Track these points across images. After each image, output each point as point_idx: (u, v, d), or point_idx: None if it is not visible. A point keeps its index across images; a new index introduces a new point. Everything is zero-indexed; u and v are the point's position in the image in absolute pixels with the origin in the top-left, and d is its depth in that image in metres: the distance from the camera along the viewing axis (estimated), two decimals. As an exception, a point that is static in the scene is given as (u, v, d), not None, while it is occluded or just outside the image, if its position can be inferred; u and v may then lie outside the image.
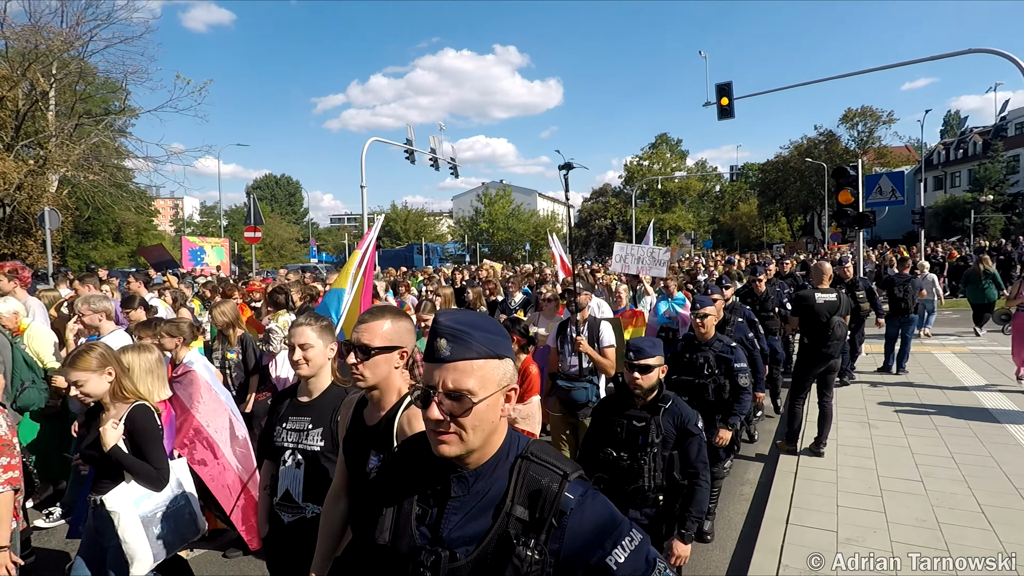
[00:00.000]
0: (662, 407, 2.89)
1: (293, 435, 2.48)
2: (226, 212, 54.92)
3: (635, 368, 2.88)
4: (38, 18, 19.31)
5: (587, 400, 4.38)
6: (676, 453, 2.85)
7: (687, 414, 2.91)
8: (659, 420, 2.85)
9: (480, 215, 55.12)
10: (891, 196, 12.16)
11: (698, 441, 2.86)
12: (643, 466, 2.80)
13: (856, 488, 4.80)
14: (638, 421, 2.88)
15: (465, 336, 1.17)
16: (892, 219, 38.58)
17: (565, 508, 1.15)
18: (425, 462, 1.25)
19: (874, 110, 50.93)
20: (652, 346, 2.95)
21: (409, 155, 24.70)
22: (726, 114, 18.63)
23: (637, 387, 2.89)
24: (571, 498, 1.16)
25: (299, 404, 2.53)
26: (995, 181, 42.33)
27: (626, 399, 2.98)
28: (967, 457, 5.30)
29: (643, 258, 8.39)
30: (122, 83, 21.92)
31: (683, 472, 2.84)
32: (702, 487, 2.84)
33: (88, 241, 37.29)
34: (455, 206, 72.62)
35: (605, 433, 2.97)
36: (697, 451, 2.86)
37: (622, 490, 2.83)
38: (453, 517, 1.19)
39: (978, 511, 4.28)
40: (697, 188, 64.01)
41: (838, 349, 5.72)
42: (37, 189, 19.29)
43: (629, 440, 2.87)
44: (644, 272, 8.34)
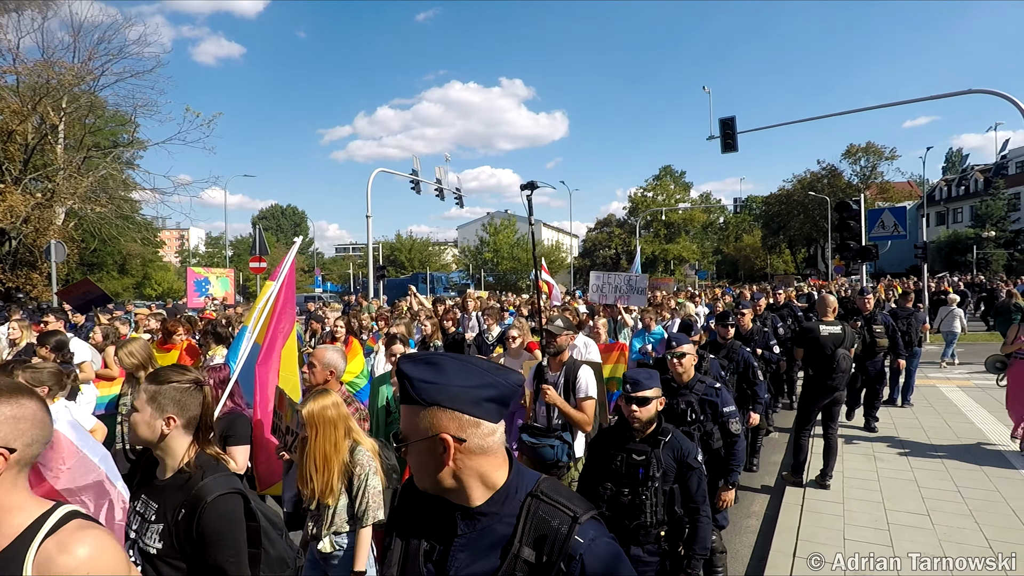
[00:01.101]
0: (662, 440, 2.84)
1: (137, 521, 1.86)
2: (232, 243, 55.42)
3: (633, 400, 2.82)
4: (51, 53, 19.72)
5: (556, 459, 3.75)
6: (677, 487, 2.81)
7: (687, 447, 2.87)
8: (659, 453, 2.80)
9: (485, 244, 55.51)
10: (893, 230, 12.32)
11: (698, 475, 2.83)
12: (644, 501, 2.75)
13: (863, 521, 4.78)
14: (637, 455, 2.83)
15: (404, 381, 1.18)
16: (895, 253, 38.72)
17: (574, 552, 1.12)
18: (434, 498, 1.23)
19: (877, 146, 51.67)
20: (649, 377, 2.89)
21: (415, 185, 25.07)
22: (730, 147, 18.96)
23: (636, 420, 2.84)
24: (581, 542, 1.13)
25: (155, 482, 1.91)
26: (996, 218, 42.67)
27: (624, 432, 2.92)
28: (974, 491, 5.28)
29: (620, 286, 8.05)
30: (131, 116, 22.21)
31: (684, 507, 2.81)
32: (703, 523, 2.79)
33: (93, 273, 37.34)
34: (460, 235, 73.18)
35: (603, 467, 2.91)
36: (697, 485, 2.82)
37: (623, 526, 2.78)
38: (460, 555, 1.18)
39: (986, 546, 4.26)
40: (701, 219, 64.48)
41: (843, 382, 5.74)
42: (44, 222, 19.41)
43: (629, 474, 2.82)
44: (622, 302, 8.01)
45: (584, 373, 3.94)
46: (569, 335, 4.19)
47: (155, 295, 40.62)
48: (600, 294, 8.18)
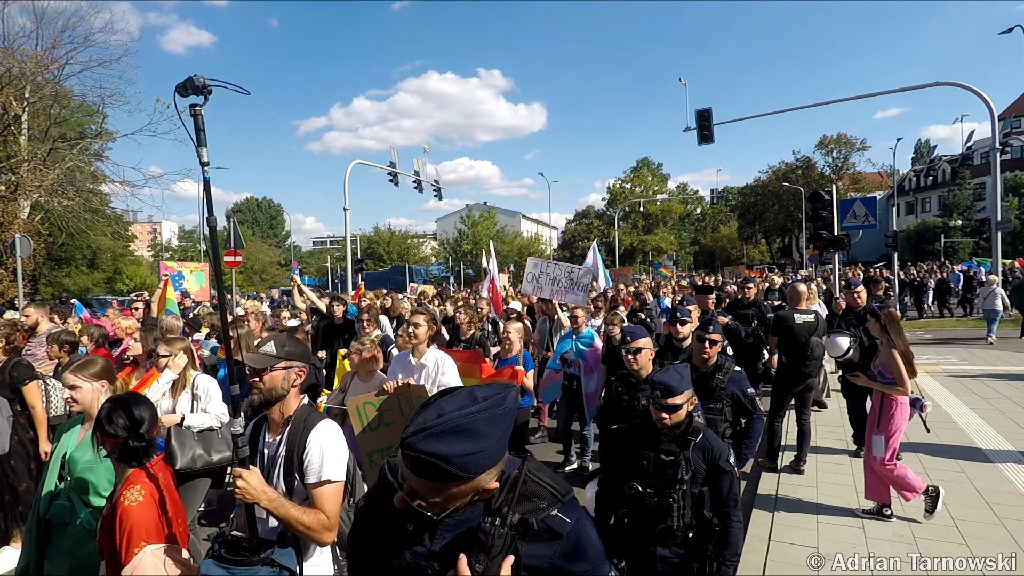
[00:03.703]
0: (692, 441, 2.68)
1: None
2: (206, 236, 54.38)
3: (663, 408, 2.65)
4: (11, 41, 19.01)
5: None
6: (706, 490, 2.67)
7: (719, 448, 2.71)
8: (688, 455, 2.65)
9: (464, 237, 55.39)
10: (864, 220, 12.56)
11: (730, 478, 2.69)
12: (672, 504, 2.61)
13: (836, 504, 4.91)
14: (666, 455, 2.67)
15: (434, 463, 1.08)
16: (867, 242, 39.63)
17: (561, 530, 1.18)
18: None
19: (849, 137, 52.82)
20: (680, 381, 2.67)
21: (393, 177, 24.86)
22: (706, 139, 19.16)
23: (665, 427, 2.69)
24: (567, 521, 1.19)
25: None
26: (963, 207, 44.00)
27: (653, 430, 2.76)
28: (941, 473, 5.45)
29: (559, 279, 6.75)
30: (99, 107, 21.60)
31: (714, 510, 2.67)
32: (734, 527, 2.66)
33: (61, 268, 36.28)
34: (439, 228, 72.92)
35: (629, 465, 2.75)
36: (728, 488, 2.68)
37: (649, 529, 2.66)
38: (447, 535, 1.22)
39: (952, 525, 4.41)
40: (679, 211, 65.18)
41: (816, 368, 5.90)
42: (8, 215, 18.87)
43: (656, 474, 2.67)
44: (559, 297, 6.79)
45: (322, 436, 2.17)
46: (297, 370, 2.25)
47: (127, 290, 39.67)
48: (535, 285, 6.94)
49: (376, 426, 4.02)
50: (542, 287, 6.87)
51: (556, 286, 6.72)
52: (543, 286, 6.85)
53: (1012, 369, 10.13)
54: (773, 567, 3.96)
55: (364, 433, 4.03)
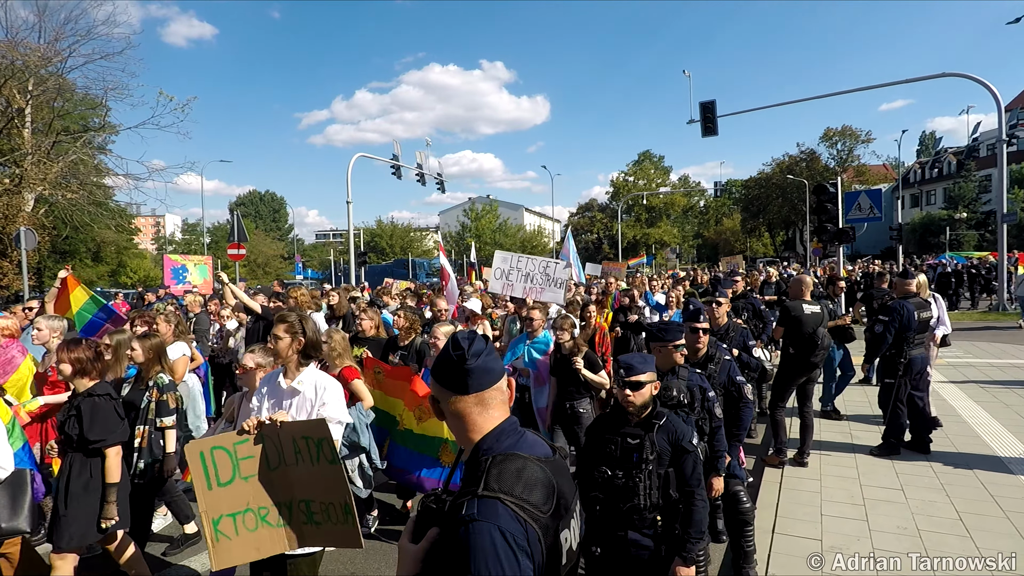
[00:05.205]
0: (656, 424, 2.82)
1: None
2: (209, 229, 54.51)
3: (627, 385, 2.80)
4: (15, 33, 19.06)
5: None
6: (672, 471, 2.80)
7: (682, 430, 2.85)
8: (653, 437, 2.79)
9: (467, 230, 55.33)
10: (869, 213, 12.52)
11: (693, 458, 2.81)
12: (638, 484, 2.74)
13: (839, 497, 4.91)
14: (632, 438, 2.81)
15: None
16: (871, 235, 39.48)
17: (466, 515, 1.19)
18: None
19: (853, 129, 52.46)
20: (643, 361, 2.85)
21: (395, 170, 24.83)
22: (710, 131, 19.08)
23: (630, 404, 2.82)
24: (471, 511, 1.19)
25: None
26: (968, 199, 43.70)
27: (620, 416, 2.91)
28: (945, 466, 5.45)
29: (534, 275, 6.01)
30: (102, 99, 21.71)
31: (679, 490, 2.80)
32: (698, 505, 2.77)
33: (66, 261, 36.57)
34: (442, 221, 72.81)
35: (599, 451, 2.89)
36: (692, 468, 2.80)
37: (618, 509, 2.77)
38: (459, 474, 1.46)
39: (956, 518, 4.41)
40: (682, 203, 64.99)
41: (823, 359, 5.92)
42: (12, 209, 18.98)
43: (623, 458, 2.80)
44: (532, 295, 6.01)
45: None
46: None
47: (131, 283, 39.82)
48: (504, 282, 6.10)
49: (227, 481, 2.76)
50: (513, 284, 6.07)
51: (530, 283, 5.96)
52: (514, 283, 6.05)
53: (1015, 362, 10.09)
54: (777, 559, 3.97)
55: (211, 492, 2.74)
